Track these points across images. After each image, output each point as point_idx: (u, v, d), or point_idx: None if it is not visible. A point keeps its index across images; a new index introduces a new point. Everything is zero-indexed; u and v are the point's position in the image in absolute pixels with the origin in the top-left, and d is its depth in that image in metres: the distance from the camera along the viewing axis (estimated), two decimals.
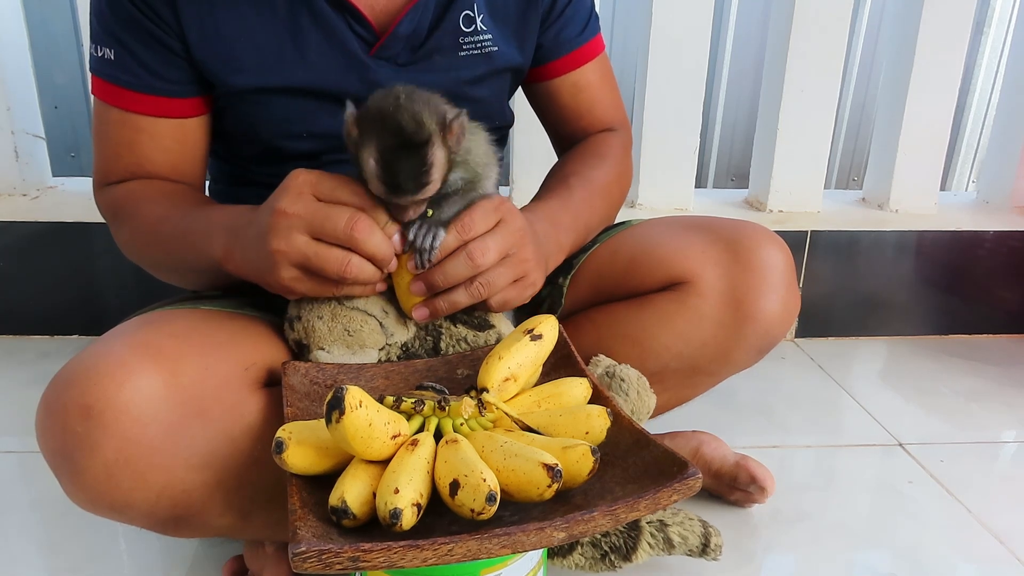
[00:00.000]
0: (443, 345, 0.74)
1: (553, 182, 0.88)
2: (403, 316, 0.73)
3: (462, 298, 0.69)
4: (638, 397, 0.75)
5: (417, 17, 0.82)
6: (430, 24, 0.83)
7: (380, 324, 0.71)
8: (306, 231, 0.63)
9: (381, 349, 0.72)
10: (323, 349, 0.70)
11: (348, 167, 0.85)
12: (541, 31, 0.90)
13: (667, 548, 0.77)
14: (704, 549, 0.78)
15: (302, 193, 0.64)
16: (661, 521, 0.77)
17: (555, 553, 0.76)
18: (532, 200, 0.86)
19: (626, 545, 0.75)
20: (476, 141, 0.71)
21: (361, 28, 0.80)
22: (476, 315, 0.75)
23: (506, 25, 0.87)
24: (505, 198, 0.72)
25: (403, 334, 0.73)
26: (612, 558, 0.75)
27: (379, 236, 0.65)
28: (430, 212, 0.68)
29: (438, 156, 0.64)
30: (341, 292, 0.67)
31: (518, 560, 0.60)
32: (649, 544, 0.76)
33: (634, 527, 0.76)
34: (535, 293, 0.75)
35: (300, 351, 0.71)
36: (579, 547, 0.76)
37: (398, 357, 0.73)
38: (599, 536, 0.76)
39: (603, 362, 0.78)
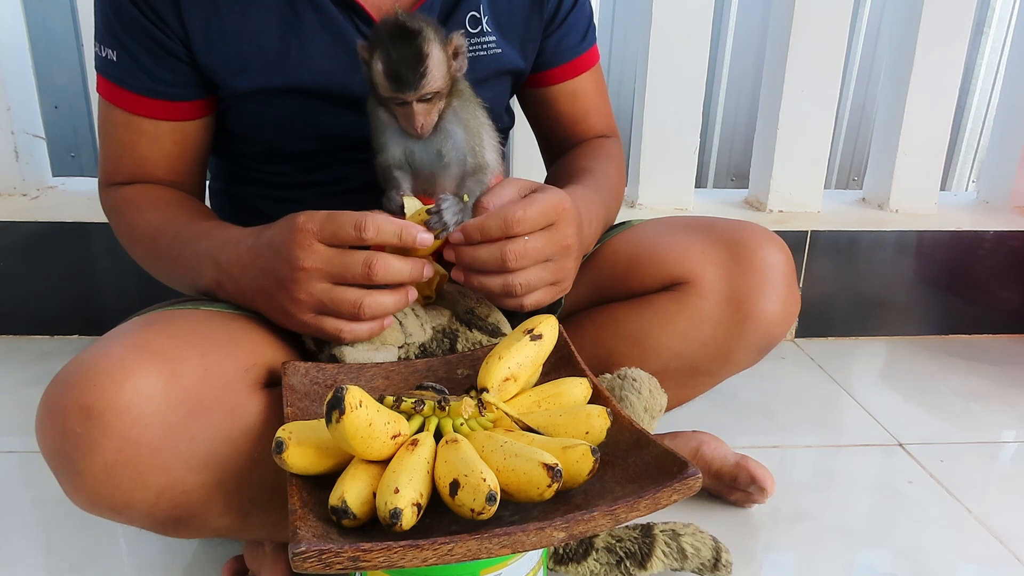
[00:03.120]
0: (459, 347, 0.75)
1: (578, 173, 0.88)
2: (420, 319, 0.73)
3: (495, 287, 0.69)
4: (650, 395, 0.76)
5: None
6: None
7: (400, 323, 0.72)
8: (326, 280, 0.65)
9: (400, 347, 0.73)
10: (348, 344, 0.71)
11: (348, 167, 0.85)
12: (543, 38, 0.90)
13: (681, 559, 0.77)
14: (716, 564, 0.78)
15: (312, 244, 0.65)
16: (673, 530, 0.77)
17: (570, 559, 0.76)
18: (567, 188, 0.82)
19: (641, 551, 0.75)
20: (472, 113, 0.75)
21: (368, 28, 0.80)
22: (489, 321, 0.76)
23: (510, 29, 0.87)
24: (568, 199, 0.70)
25: (421, 335, 0.74)
26: (627, 564, 0.75)
27: (396, 266, 0.66)
28: (466, 197, 0.71)
29: (435, 52, 0.69)
30: (355, 330, 0.68)
31: (518, 560, 0.60)
32: (663, 552, 0.76)
33: (648, 534, 0.77)
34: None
35: (319, 348, 0.72)
36: (594, 552, 0.76)
37: (416, 357, 0.73)
38: (613, 541, 0.76)
39: (607, 377, 0.79)
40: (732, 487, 0.94)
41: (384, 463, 0.54)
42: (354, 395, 0.51)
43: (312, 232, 0.64)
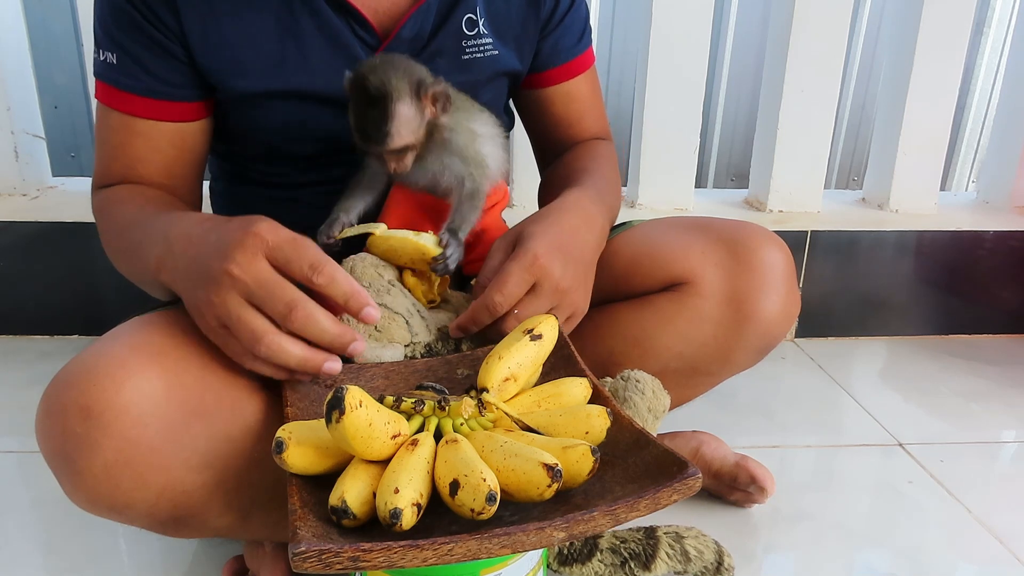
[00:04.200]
0: (464, 347, 0.75)
1: (576, 175, 0.88)
2: (426, 321, 0.74)
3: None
4: (654, 396, 0.76)
5: (420, 20, 0.82)
6: (433, 27, 0.83)
7: (406, 322, 0.72)
8: (243, 297, 0.59)
9: (407, 346, 0.73)
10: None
11: (347, 168, 0.85)
12: (540, 39, 0.90)
13: (684, 562, 0.77)
14: (718, 568, 0.78)
15: (256, 255, 0.59)
16: (676, 533, 0.78)
17: (574, 560, 0.76)
18: (565, 191, 0.81)
19: (645, 553, 0.76)
20: (469, 134, 0.79)
21: (364, 32, 0.80)
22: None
23: (507, 30, 0.87)
24: (540, 252, 0.70)
25: (426, 335, 0.74)
26: (631, 565, 0.75)
27: (320, 324, 0.60)
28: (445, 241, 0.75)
29: (401, 112, 0.72)
30: (252, 364, 0.62)
31: (518, 560, 0.60)
32: (667, 554, 0.76)
33: (651, 536, 0.77)
34: None
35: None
36: (598, 553, 0.76)
37: (422, 355, 0.74)
38: (618, 542, 0.77)
39: (608, 380, 0.79)
40: (732, 487, 0.94)
41: (384, 463, 0.54)
42: (354, 395, 0.51)
43: (264, 244, 0.59)
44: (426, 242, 0.74)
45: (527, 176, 1.46)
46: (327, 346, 0.61)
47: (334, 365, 0.62)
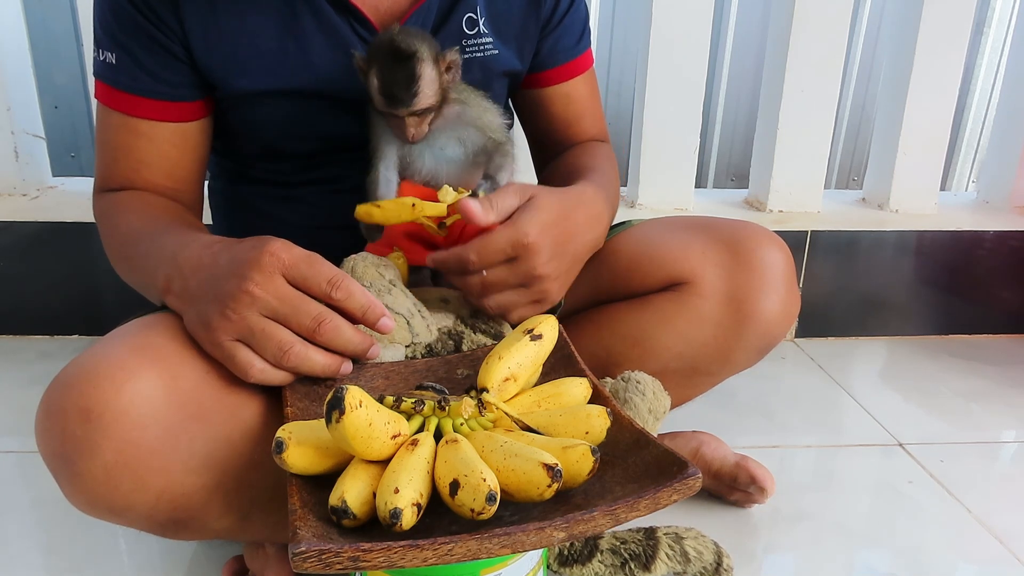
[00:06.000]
0: (464, 348, 0.75)
1: (584, 171, 0.87)
2: (427, 321, 0.74)
3: (473, 297, 0.73)
4: (655, 396, 0.76)
5: (421, 19, 0.82)
6: (433, 26, 0.83)
7: (408, 322, 0.72)
8: (265, 313, 0.61)
9: (408, 347, 0.73)
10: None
11: (346, 166, 0.85)
12: (539, 39, 0.90)
13: (683, 562, 0.77)
14: (717, 568, 0.78)
15: (273, 274, 0.61)
16: (676, 534, 0.78)
17: (575, 560, 0.76)
18: (582, 182, 0.82)
19: (645, 554, 0.76)
20: (479, 107, 0.81)
21: (365, 31, 0.81)
22: (492, 325, 0.77)
23: (507, 30, 0.87)
24: (534, 233, 0.70)
25: (427, 336, 0.74)
26: (632, 566, 0.76)
27: (346, 334, 0.62)
28: (481, 192, 0.75)
29: (427, 72, 0.74)
30: (266, 372, 0.63)
31: (518, 560, 0.60)
32: (667, 555, 0.76)
33: (651, 536, 0.77)
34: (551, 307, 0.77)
35: None
36: (599, 554, 0.76)
37: (423, 356, 0.74)
38: (618, 543, 0.77)
39: (609, 381, 0.79)
40: (732, 487, 0.94)
41: (384, 463, 0.54)
42: (354, 395, 0.51)
43: (281, 263, 0.61)
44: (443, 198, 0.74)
45: (527, 177, 1.45)
46: (351, 355, 0.64)
47: (349, 367, 0.65)
